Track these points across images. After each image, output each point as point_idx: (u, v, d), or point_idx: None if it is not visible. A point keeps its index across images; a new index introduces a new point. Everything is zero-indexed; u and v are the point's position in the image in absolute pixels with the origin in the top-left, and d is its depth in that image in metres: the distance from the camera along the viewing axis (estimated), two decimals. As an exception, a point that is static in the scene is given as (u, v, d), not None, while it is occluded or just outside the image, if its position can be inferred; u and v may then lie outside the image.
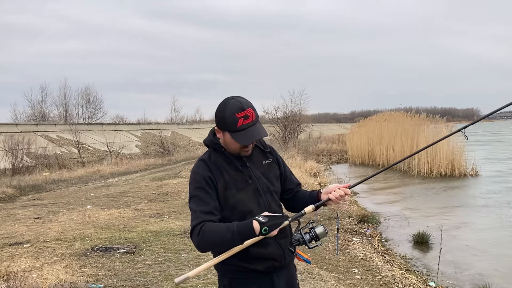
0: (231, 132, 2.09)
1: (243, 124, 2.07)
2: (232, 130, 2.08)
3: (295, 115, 28.48)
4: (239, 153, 2.17)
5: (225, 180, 2.15)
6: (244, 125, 2.07)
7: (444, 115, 24.33)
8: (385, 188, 15.33)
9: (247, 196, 2.16)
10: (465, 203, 12.34)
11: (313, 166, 18.40)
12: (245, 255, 2.10)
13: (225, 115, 2.09)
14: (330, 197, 2.22)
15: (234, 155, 2.20)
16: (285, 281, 2.23)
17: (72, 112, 43.11)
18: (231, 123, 2.07)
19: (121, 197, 11.56)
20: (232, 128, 2.08)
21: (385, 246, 7.95)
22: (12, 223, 8.40)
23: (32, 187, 14.96)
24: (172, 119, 53.87)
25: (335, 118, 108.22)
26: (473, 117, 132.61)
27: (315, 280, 5.14)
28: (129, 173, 19.12)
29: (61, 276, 5.06)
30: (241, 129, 2.07)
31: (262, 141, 2.36)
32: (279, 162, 2.38)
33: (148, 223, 8.29)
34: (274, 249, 2.16)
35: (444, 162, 17.30)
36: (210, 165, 2.18)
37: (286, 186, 2.39)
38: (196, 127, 47.39)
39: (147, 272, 5.37)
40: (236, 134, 2.08)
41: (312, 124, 41.16)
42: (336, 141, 34.59)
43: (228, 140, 2.14)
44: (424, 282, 5.95)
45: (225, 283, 2.20)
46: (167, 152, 28.18)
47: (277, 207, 2.25)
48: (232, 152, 2.18)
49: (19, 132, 23.84)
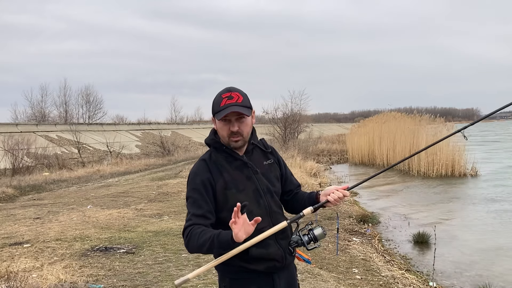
0: (215, 113, 2.13)
1: (226, 103, 2.10)
2: (216, 110, 2.13)
3: (295, 115, 28.49)
4: (229, 144, 2.17)
5: (225, 180, 2.15)
6: (227, 104, 2.10)
7: (444, 115, 24.30)
8: (385, 188, 15.33)
9: (247, 196, 2.15)
10: (465, 203, 12.34)
11: (313, 166, 18.40)
12: (246, 255, 2.10)
13: (215, 98, 2.16)
14: (328, 199, 2.22)
15: (234, 155, 2.20)
16: (286, 281, 2.23)
17: (72, 112, 43.19)
18: (216, 103, 2.13)
19: (121, 197, 11.56)
20: (216, 108, 2.13)
21: (385, 246, 7.95)
22: (12, 223, 8.40)
23: (32, 187, 14.96)
24: (172, 119, 53.91)
25: (335, 118, 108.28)
26: (473, 117, 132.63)
27: (315, 280, 5.14)
28: (129, 173, 19.13)
29: (61, 276, 5.06)
30: (224, 107, 2.10)
31: (264, 141, 2.36)
32: (280, 163, 2.38)
33: (148, 223, 8.29)
34: (275, 250, 2.16)
35: (444, 162, 17.30)
36: (210, 164, 2.18)
37: (286, 187, 2.39)
38: (196, 127, 47.41)
39: (147, 272, 5.37)
40: (217, 114, 2.12)
41: (312, 124, 41.18)
42: (336, 141, 34.58)
43: (218, 124, 2.17)
44: (424, 282, 5.95)
45: (225, 283, 2.20)
46: (167, 152, 28.19)
47: (277, 208, 2.25)
48: (225, 142, 2.19)
49: (19, 132, 23.84)
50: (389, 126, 22.73)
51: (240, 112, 2.11)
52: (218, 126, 2.18)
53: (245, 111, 2.12)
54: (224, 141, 2.19)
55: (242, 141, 2.18)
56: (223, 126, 2.14)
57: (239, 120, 2.14)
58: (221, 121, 2.13)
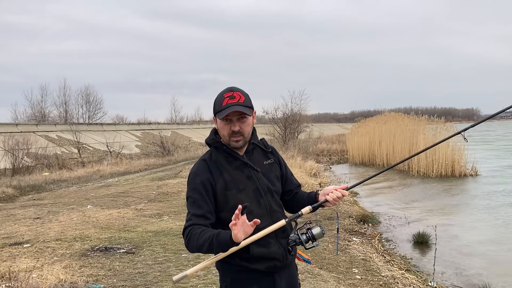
0: (217, 112, 2.14)
1: (228, 102, 2.11)
2: (217, 110, 2.13)
3: (295, 115, 28.50)
4: (229, 143, 2.18)
5: (225, 180, 2.15)
6: (228, 103, 2.11)
7: (444, 115, 24.29)
8: (385, 188, 15.33)
9: (248, 196, 2.16)
10: (465, 203, 12.35)
11: (313, 166, 18.40)
12: (247, 254, 2.11)
13: (216, 98, 2.17)
14: (327, 199, 2.23)
15: (234, 155, 2.20)
16: (287, 281, 2.24)
17: (72, 112, 43.13)
18: (218, 102, 2.14)
19: (121, 197, 11.56)
20: (218, 108, 2.13)
21: (385, 246, 7.95)
22: (12, 223, 8.40)
23: (32, 187, 14.96)
24: (172, 119, 53.83)
25: (335, 118, 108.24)
26: (473, 117, 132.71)
27: (315, 280, 5.14)
28: (129, 173, 19.13)
29: (61, 276, 5.06)
30: (225, 107, 2.11)
31: (264, 141, 2.37)
32: (280, 163, 2.39)
33: (148, 223, 8.29)
34: (276, 249, 2.17)
35: (444, 162, 17.31)
36: (211, 164, 2.18)
37: (287, 187, 2.39)
38: (196, 127, 47.40)
39: (147, 272, 5.37)
40: (219, 114, 2.12)
41: (312, 124, 41.20)
42: (336, 141, 34.56)
43: (219, 124, 2.17)
44: (424, 282, 5.95)
45: (226, 283, 2.20)
46: (167, 152, 28.18)
47: (277, 207, 2.25)
48: (225, 141, 2.19)
49: (19, 132, 23.85)
50: (388, 126, 22.74)
51: (242, 112, 2.11)
52: (219, 126, 2.18)
53: (247, 111, 2.13)
54: (225, 141, 2.19)
55: (243, 141, 2.19)
56: (224, 126, 2.15)
57: (240, 120, 2.14)
58: (223, 121, 2.14)
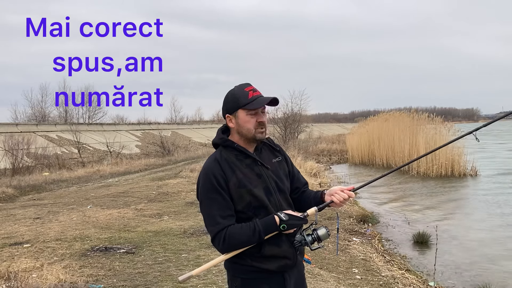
0: (245, 105, 2.16)
1: (253, 95, 2.17)
2: (245, 102, 2.16)
3: (295, 115, 28.53)
4: (255, 136, 2.19)
5: (237, 177, 2.16)
6: (254, 95, 2.17)
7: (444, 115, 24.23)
8: (385, 188, 15.31)
9: (260, 193, 2.18)
10: (465, 203, 12.35)
11: (313, 166, 18.39)
12: (258, 254, 2.12)
13: (235, 93, 2.19)
14: (333, 200, 2.24)
15: (245, 152, 2.21)
16: (295, 280, 2.26)
17: (72, 112, 43.10)
18: (243, 96, 2.17)
19: (121, 197, 11.56)
20: (245, 101, 2.16)
21: (385, 246, 7.95)
22: (12, 223, 8.40)
23: (32, 187, 14.95)
24: (172, 119, 53.80)
25: (335, 118, 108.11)
26: (473, 117, 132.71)
27: (315, 280, 5.14)
28: (129, 173, 19.12)
29: (61, 276, 5.06)
30: (253, 99, 2.16)
31: (271, 140, 2.38)
32: (287, 161, 2.40)
33: (148, 223, 8.29)
34: (287, 247, 2.19)
35: (444, 162, 17.30)
36: (222, 163, 2.18)
37: (294, 185, 2.40)
38: (196, 127, 47.35)
39: (147, 272, 5.37)
40: (249, 105, 2.16)
41: (312, 124, 41.21)
42: (336, 141, 34.53)
43: (243, 118, 2.18)
44: (424, 282, 5.95)
45: (237, 283, 2.20)
46: (167, 152, 28.17)
47: (287, 205, 2.26)
48: (248, 135, 2.19)
49: (19, 132, 23.84)
50: (388, 126, 22.71)
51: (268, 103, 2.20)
52: (243, 120, 2.18)
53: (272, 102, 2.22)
54: (249, 135, 2.19)
55: (265, 133, 2.24)
56: (251, 119, 2.17)
57: (263, 112, 2.21)
58: (249, 114, 2.17)
